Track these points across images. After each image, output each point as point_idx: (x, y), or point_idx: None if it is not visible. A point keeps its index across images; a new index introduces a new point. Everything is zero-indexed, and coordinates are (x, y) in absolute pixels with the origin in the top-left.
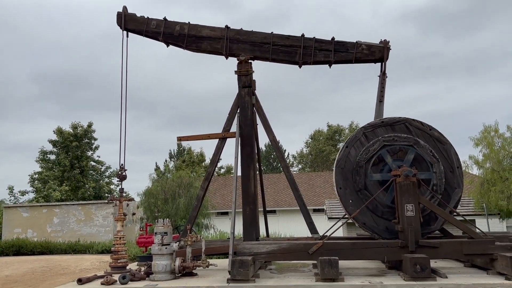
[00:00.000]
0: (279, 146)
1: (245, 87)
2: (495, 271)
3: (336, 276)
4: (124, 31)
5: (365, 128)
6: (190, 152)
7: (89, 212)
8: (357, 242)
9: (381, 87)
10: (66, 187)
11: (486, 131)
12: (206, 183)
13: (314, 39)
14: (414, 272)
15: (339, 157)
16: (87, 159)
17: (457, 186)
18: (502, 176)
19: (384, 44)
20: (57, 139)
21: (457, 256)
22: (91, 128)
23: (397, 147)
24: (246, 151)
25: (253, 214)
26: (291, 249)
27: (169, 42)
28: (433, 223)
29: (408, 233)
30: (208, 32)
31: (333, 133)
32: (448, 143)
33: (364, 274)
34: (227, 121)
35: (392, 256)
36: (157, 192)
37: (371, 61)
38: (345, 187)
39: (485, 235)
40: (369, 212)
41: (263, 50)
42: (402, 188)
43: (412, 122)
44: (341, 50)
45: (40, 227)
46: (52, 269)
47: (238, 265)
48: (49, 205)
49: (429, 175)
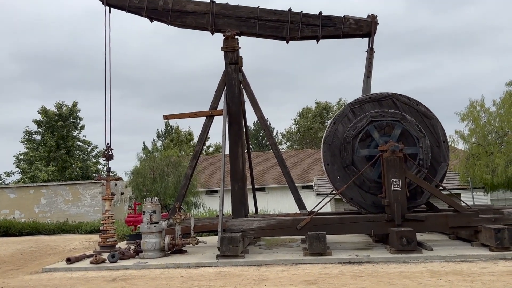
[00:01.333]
0: (267, 124)
1: (232, 64)
2: (479, 243)
3: (324, 250)
4: (107, 6)
5: (352, 104)
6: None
7: (76, 192)
8: (344, 217)
9: (369, 62)
10: (53, 168)
11: (472, 106)
12: (194, 162)
13: (301, 13)
14: (401, 245)
15: (326, 134)
16: (73, 139)
17: (443, 161)
18: (487, 150)
19: (372, 19)
20: (42, 119)
21: (442, 229)
22: (76, 107)
23: (384, 123)
24: (233, 129)
25: (241, 191)
26: (280, 225)
27: (152, 18)
28: (419, 197)
29: (394, 207)
30: (193, 6)
31: (321, 110)
32: (435, 117)
33: (352, 248)
34: (214, 98)
35: (379, 230)
36: (145, 171)
37: (359, 36)
38: (333, 163)
39: (470, 208)
40: (356, 188)
41: (249, 25)
42: (388, 163)
43: (399, 97)
44: (328, 25)
45: (28, 208)
46: (41, 249)
47: (227, 241)
48: (36, 185)
49: (415, 149)
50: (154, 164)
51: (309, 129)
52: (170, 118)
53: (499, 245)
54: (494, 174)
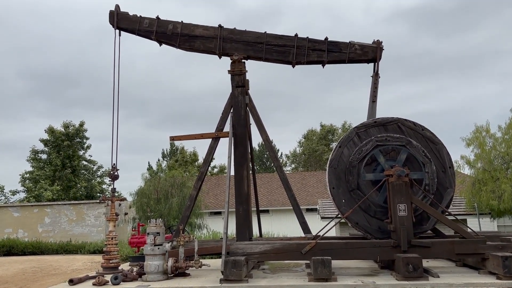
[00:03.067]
0: (272, 146)
1: (239, 87)
2: (487, 271)
3: (329, 276)
4: (117, 30)
5: (358, 128)
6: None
7: (80, 212)
8: (349, 242)
9: (374, 87)
10: (58, 187)
11: (477, 131)
12: (199, 183)
13: (308, 39)
14: (407, 271)
15: (332, 157)
16: (78, 159)
17: (449, 186)
18: (493, 176)
19: (377, 44)
20: (49, 138)
21: (449, 255)
22: (83, 127)
23: (389, 147)
24: (239, 151)
25: (246, 213)
26: (284, 249)
27: (161, 41)
28: (426, 223)
29: (400, 233)
30: (201, 31)
31: (326, 132)
32: (440, 143)
33: (357, 273)
34: (220, 120)
35: (385, 256)
36: (149, 191)
37: (364, 61)
38: (338, 186)
39: (476, 234)
40: (362, 212)
41: (256, 50)
42: (394, 188)
43: (405, 122)
44: (334, 50)
45: (31, 227)
46: (43, 269)
47: (231, 265)
48: (40, 204)
49: (421, 175)
50: (159, 185)
51: (314, 151)
52: (176, 139)
53: (507, 273)
54: (500, 200)
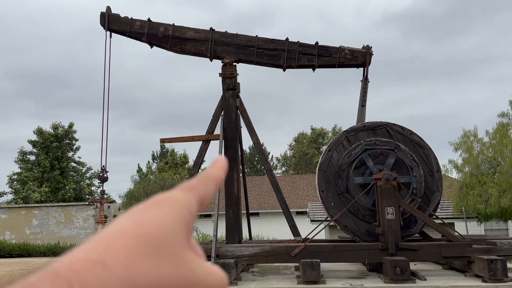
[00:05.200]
0: (262, 149)
1: (230, 90)
2: (472, 273)
3: (318, 278)
4: (108, 31)
5: (347, 132)
6: (174, 154)
7: (69, 214)
8: (338, 245)
9: (364, 91)
10: (46, 189)
11: (465, 135)
12: None
13: (298, 43)
14: (394, 274)
15: (321, 160)
16: (67, 160)
17: (436, 190)
18: (480, 180)
19: (367, 50)
20: (37, 139)
21: (435, 259)
22: (72, 128)
23: (378, 151)
24: (229, 154)
25: (236, 216)
26: (274, 252)
27: (153, 43)
28: (413, 226)
29: (388, 236)
30: (193, 34)
31: (317, 136)
32: (428, 147)
33: (345, 276)
34: (211, 123)
35: (373, 259)
36: (139, 194)
37: (354, 66)
38: (328, 190)
39: (463, 238)
40: (351, 215)
41: (247, 53)
42: (383, 192)
43: (393, 127)
44: (324, 54)
45: (19, 229)
46: (31, 272)
47: (220, 268)
48: (28, 206)
49: (409, 178)
50: (149, 187)
51: (304, 154)
52: (166, 141)
53: (492, 276)
54: (487, 204)
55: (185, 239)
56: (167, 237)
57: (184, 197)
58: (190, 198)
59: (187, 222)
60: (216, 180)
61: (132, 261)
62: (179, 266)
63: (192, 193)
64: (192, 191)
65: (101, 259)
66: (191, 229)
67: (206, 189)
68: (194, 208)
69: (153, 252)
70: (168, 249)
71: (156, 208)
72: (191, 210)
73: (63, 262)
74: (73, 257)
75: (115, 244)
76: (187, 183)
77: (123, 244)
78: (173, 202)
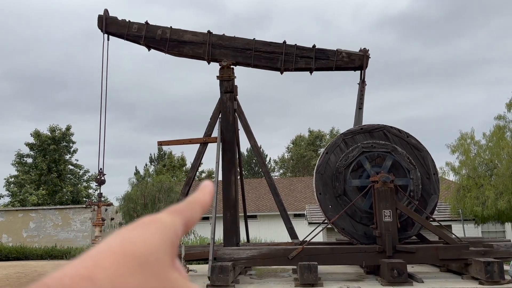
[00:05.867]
0: (260, 152)
1: (227, 92)
2: (470, 276)
3: (315, 281)
4: (105, 34)
5: (344, 134)
6: (171, 156)
7: (66, 216)
8: (336, 248)
9: (361, 94)
10: (43, 191)
11: (462, 138)
12: (186, 188)
13: (296, 46)
14: (392, 277)
15: (319, 163)
16: (65, 163)
17: (433, 192)
18: (477, 182)
19: (364, 53)
20: (35, 142)
21: (433, 261)
22: (70, 131)
23: (375, 154)
24: (227, 156)
25: (233, 219)
26: (271, 255)
27: (150, 46)
28: (410, 229)
29: (385, 239)
30: (190, 37)
31: (314, 138)
32: (425, 150)
33: (343, 279)
34: (208, 126)
35: (370, 261)
36: (136, 196)
37: (351, 68)
38: (325, 192)
39: (460, 240)
40: (348, 218)
41: (245, 56)
42: (380, 194)
43: (390, 129)
44: (322, 57)
45: (16, 232)
46: (27, 275)
47: (218, 271)
48: (25, 209)
49: (406, 181)
50: (146, 190)
51: (302, 157)
52: (164, 144)
53: (489, 278)
54: (484, 207)
55: (170, 259)
56: (153, 256)
57: (170, 219)
58: (176, 221)
59: (172, 243)
60: (202, 205)
61: (119, 277)
62: (163, 284)
63: (178, 216)
64: (178, 215)
65: (89, 275)
66: (176, 250)
67: (192, 213)
68: (179, 231)
69: (139, 269)
70: (153, 267)
71: (143, 228)
72: (177, 232)
73: (53, 277)
74: (63, 272)
75: (103, 261)
76: (174, 207)
77: (110, 261)
78: (160, 223)
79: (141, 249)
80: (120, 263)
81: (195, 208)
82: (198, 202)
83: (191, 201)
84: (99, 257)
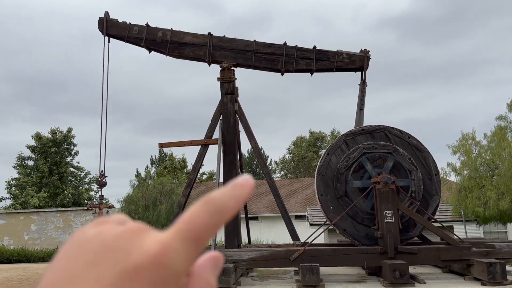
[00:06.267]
0: (261, 153)
1: (228, 94)
2: (472, 277)
3: (317, 282)
4: (106, 36)
5: (345, 135)
6: (172, 158)
7: (68, 219)
8: (337, 249)
9: (361, 95)
10: (45, 194)
11: (463, 138)
12: (188, 190)
13: (296, 47)
14: (393, 278)
15: (320, 164)
16: (66, 165)
17: (435, 193)
18: (479, 183)
19: (364, 54)
20: (36, 144)
21: (435, 262)
22: (71, 133)
23: (376, 155)
24: (228, 158)
25: (234, 221)
26: (273, 256)
27: (151, 48)
28: (412, 230)
29: (387, 240)
30: (191, 38)
31: (315, 139)
32: (426, 150)
33: (345, 280)
34: (209, 127)
35: (372, 262)
36: (138, 198)
37: (351, 70)
38: (326, 193)
39: (462, 241)
40: (350, 219)
41: (245, 58)
42: (381, 195)
43: (391, 130)
44: (322, 58)
45: (17, 235)
46: (29, 277)
47: (219, 273)
48: (26, 212)
49: (407, 182)
50: (147, 192)
51: (303, 158)
52: (165, 146)
53: (491, 279)
54: (486, 207)
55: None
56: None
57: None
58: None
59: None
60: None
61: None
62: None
63: (187, 243)
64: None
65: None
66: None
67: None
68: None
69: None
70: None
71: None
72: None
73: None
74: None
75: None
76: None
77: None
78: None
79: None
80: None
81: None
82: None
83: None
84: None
